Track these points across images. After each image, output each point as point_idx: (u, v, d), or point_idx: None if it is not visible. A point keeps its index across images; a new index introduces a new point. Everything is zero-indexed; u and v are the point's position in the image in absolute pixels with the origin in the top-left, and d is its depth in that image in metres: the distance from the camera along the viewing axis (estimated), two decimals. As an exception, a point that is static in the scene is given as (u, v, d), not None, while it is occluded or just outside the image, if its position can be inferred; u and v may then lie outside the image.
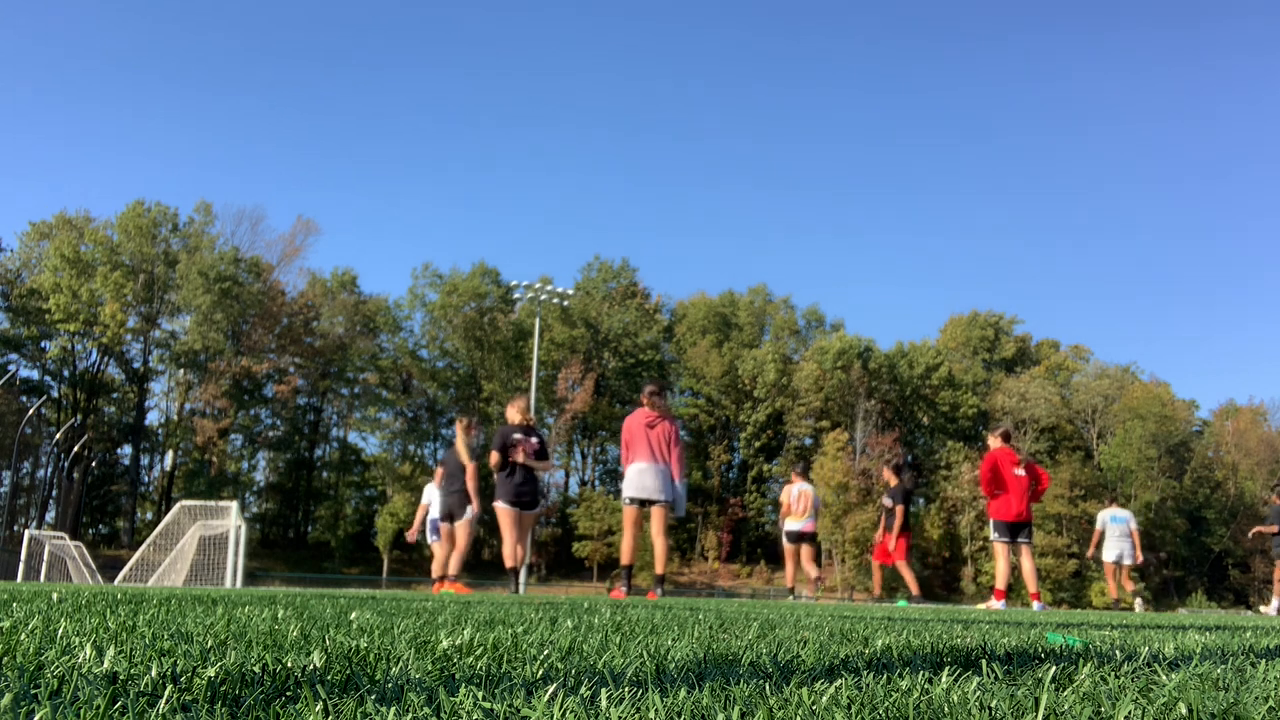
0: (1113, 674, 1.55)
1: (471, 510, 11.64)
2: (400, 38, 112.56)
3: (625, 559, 10.09)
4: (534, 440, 10.97)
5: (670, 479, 9.97)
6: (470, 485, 11.12)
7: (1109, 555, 16.28)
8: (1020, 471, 12.03)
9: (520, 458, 10.74)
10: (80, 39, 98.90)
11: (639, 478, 9.93)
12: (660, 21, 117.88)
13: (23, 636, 1.81)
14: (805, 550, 15.05)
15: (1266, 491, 77.90)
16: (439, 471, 13.11)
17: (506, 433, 10.93)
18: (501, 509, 10.79)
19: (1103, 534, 16.53)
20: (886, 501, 14.66)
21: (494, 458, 10.77)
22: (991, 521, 12.21)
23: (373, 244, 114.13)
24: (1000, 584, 12.03)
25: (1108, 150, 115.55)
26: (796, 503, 14.97)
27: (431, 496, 13.92)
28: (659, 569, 9.98)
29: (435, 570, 12.65)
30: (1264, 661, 1.82)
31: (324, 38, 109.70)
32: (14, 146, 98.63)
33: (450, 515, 12.10)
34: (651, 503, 9.96)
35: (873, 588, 15.16)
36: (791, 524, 14.99)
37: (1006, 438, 12.42)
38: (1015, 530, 11.99)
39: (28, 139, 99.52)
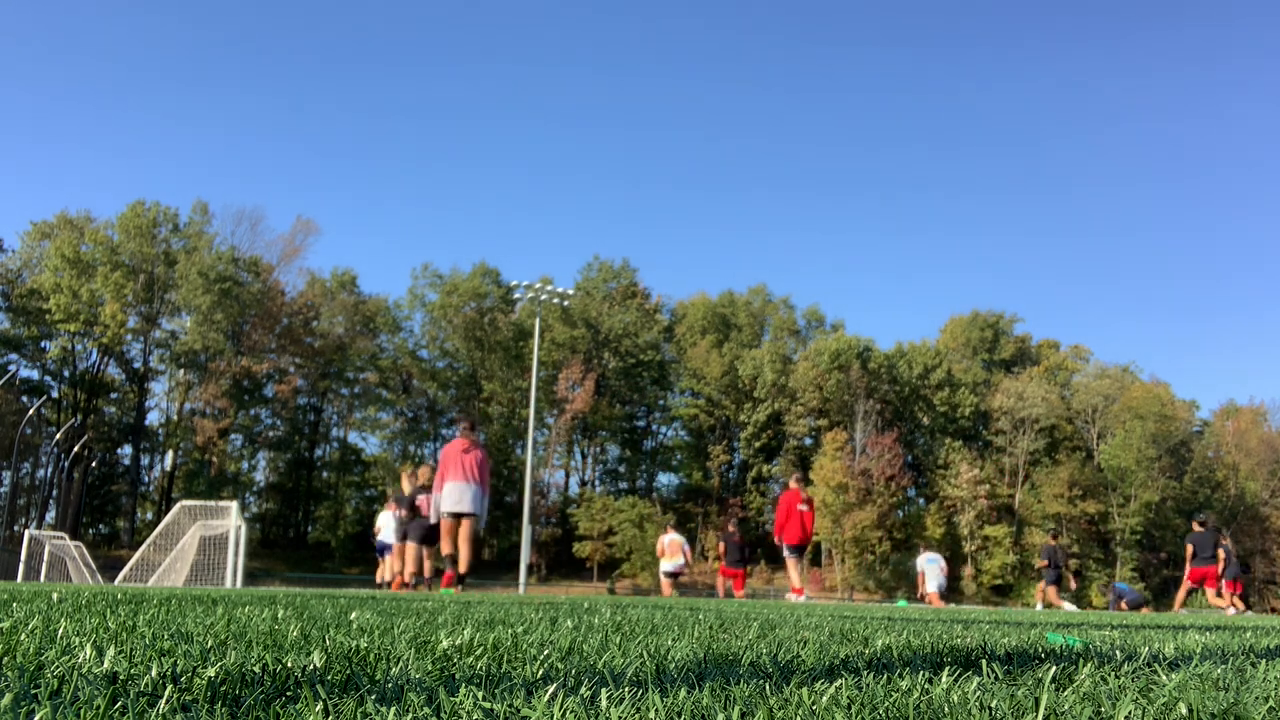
0: (1113, 674, 1.55)
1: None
2: (400, 37, 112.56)
3: (446, 549, 12.43)
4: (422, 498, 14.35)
5: (479, 496, 12.20)
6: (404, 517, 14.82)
7: (931, 586, 22.47)
8: (803, 507, 16.28)
9: (424, 511, 13.67)
10: (80, 39, 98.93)
11: (454, 494, 12.08)
12: (661, 21, 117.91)
13: (23, 636, 1.81)
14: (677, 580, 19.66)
15: (1266, 492, 77.99)
16: (393, 506, 16.19)
17: (409, 498, 14.90)
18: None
19: (923, 573, 22.81)
20: None
21: (403, 514, 14.91)
22: (785, 545, 16.25)
23: (373, 244, 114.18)
24: (796, 584, 16.43)
25: (1108, 150, 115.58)
26: (669, 548, 19.28)
27: (385, 522, 16.91)
28: (463, 569, 12.25)
29: (408, 575, 14.86)
30: (1264, 661, 1.82)
31: (324, 37, 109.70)
32: (15, 147, 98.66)
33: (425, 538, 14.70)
34: (464, 515, 12.13)
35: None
36: (666, 564, 19.34)
37: (799, 481, 17.14)
38: (799, 550, 16.28)
39: (28, 139, 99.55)
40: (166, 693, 1.11)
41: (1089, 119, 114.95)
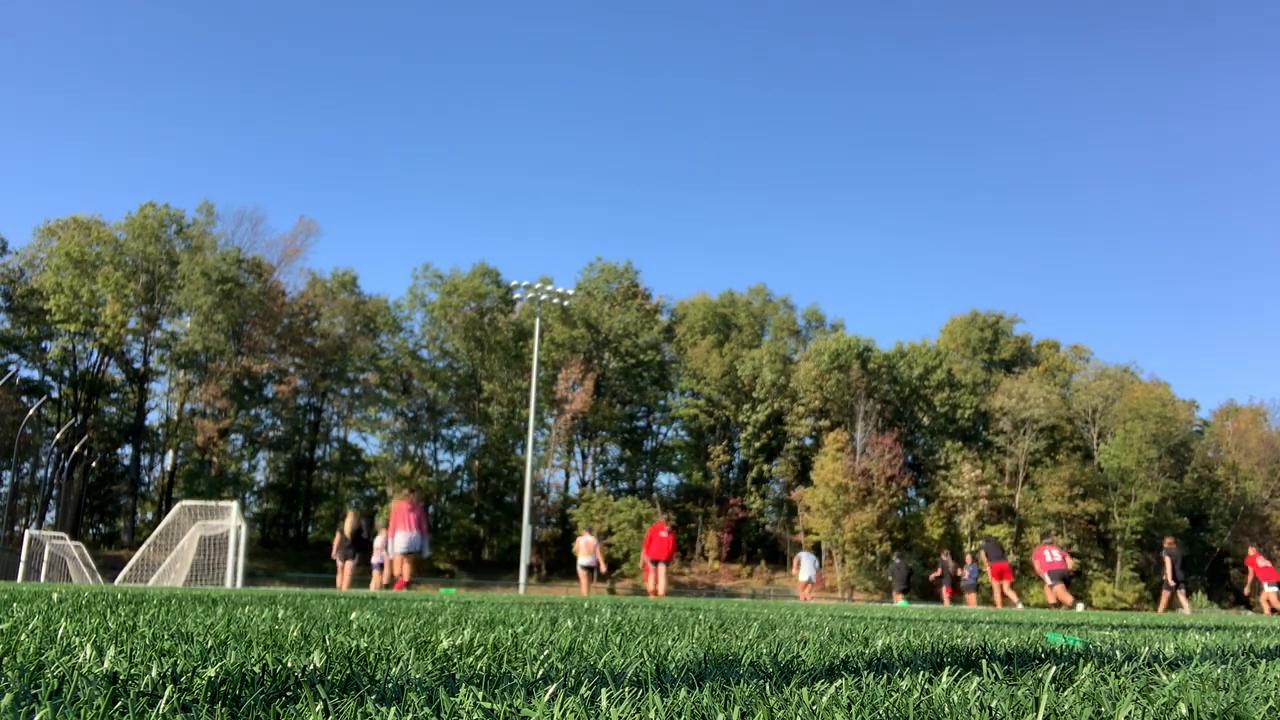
0: (1113, 674, 1.55)
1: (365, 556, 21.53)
2: (402, 37, 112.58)
3: (399, 574, 18.67)
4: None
5: (421, 539, 18.63)
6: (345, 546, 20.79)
7: (803, 577, 27.44)
8: (664, 534, 21.73)
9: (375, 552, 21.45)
10: (79, 37, 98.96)
11: (406, 538, 18.45)
12: (662, 20, 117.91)
13: (23, 636, 1.81)
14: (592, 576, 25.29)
15: (1266, 493, 77.97)
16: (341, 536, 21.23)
17: (352, 533, 20.85)
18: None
19: (800, 562, 27.97)
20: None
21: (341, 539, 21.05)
22: (650, 559, 21.55)
23: (373, 243, 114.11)
24: (653, 587, 21.23)
25: (1108, 149, 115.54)
26: (584, 548, 24.07)
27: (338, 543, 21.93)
28: (406, 579, 18.50)
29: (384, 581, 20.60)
30: (1264, 661, 1.82)
31: (326, 36, 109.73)
32: (15, 144, 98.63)
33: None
34: (414, 553, 18.57)
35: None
36: (583, 559, 24.20)
37: (667, 519, 23.09)
38: (660, 562, 21.41)
39: (27, 136, 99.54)
40: (167, 693, 1.11)
41: (1089, 118, 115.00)
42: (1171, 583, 23.51)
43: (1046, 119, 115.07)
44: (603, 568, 25.32)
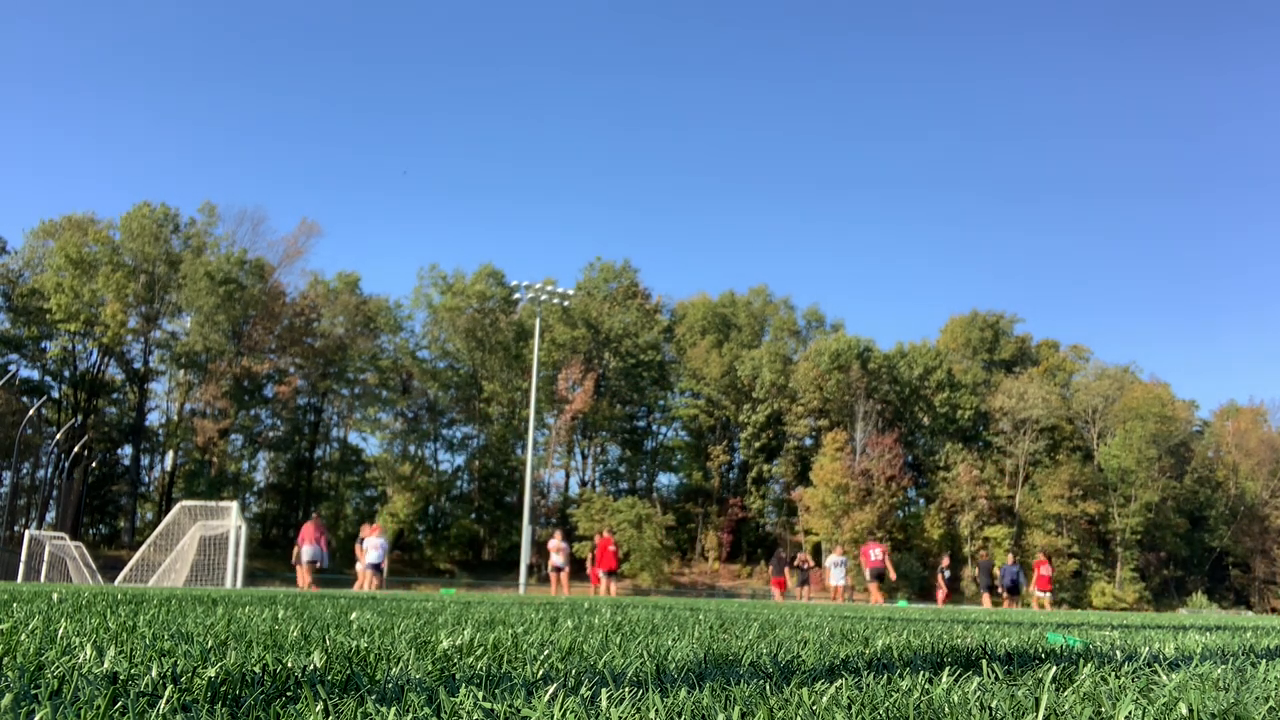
0: (1113, 674, 1.56)
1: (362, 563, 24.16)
2: (404, 37, 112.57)
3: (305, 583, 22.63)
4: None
5: (323, 552, 23.06)
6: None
7: (835, 580, 29.20)
8: (612, 548, 25.46)
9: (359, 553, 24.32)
10: (81, 34, 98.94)
11: (309, 550, 22.54)
12: (663, 20, 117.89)
13: (23, 636, 1.81)
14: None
15: (1266, 493, 77.95)
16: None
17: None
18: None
19: (829, 570, 30.00)
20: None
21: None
22: (602, 571, 25.07)
23: (376, 243, 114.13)
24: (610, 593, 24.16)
25: (1109, 149, 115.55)
26: (558, 549, 26.10)
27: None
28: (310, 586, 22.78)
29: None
30: (1264, 662, 1.82)
31: (328, 36, 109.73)
32: (18, 144, 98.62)
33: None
34: (314, 563, 22.78)
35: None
36: (556, 559, 26.33)
37: (610, 532, 27.21)
38: (612, 574, 25.10)
39: (28, 133, 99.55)
40: (167, 693, 1.11)
41: (1089, 118, 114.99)
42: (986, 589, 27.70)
43: (1047, 118, 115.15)
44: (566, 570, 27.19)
